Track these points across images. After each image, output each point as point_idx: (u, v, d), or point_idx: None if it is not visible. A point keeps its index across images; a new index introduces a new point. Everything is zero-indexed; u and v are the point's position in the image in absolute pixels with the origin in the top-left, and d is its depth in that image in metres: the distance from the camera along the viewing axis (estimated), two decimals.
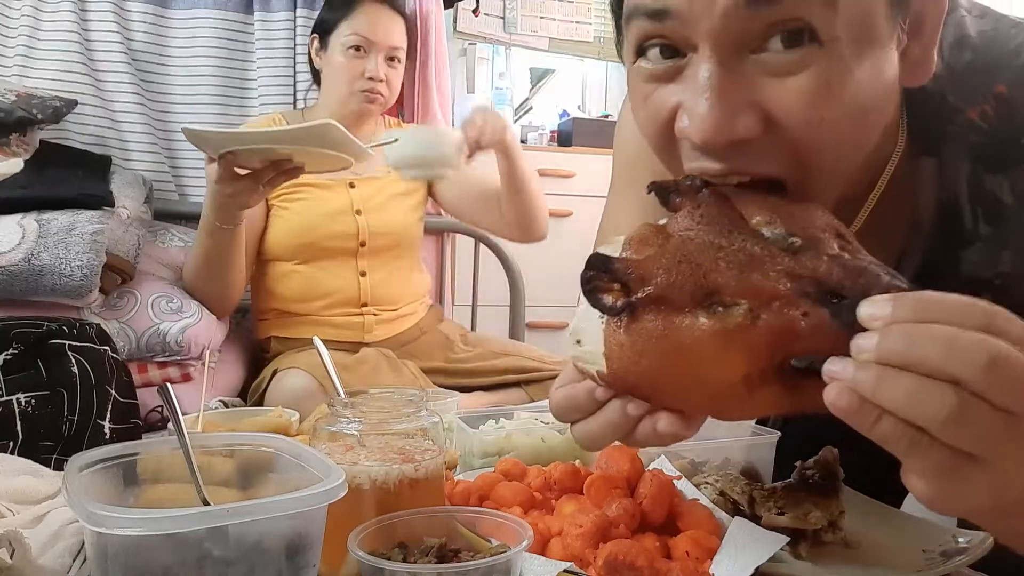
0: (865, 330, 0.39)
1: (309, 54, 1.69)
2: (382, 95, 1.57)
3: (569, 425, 0.54)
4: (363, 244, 1.56)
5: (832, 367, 0.39)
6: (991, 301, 0.56)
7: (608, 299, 0.45)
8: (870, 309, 0.39)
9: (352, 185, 1.60)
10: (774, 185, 0.51)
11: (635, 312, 0.44)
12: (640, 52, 0.53)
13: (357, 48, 1.56)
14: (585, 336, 0.48)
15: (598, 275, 0.46)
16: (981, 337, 0.36)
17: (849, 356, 0.39)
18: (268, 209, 1.57)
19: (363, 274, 1.57)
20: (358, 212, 1.57)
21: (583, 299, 0.47)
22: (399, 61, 1.61)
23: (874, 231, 0.61)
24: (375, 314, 1.58)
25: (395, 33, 1.59)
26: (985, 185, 0.59)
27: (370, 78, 1.55)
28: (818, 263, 0.42)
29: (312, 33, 1.67)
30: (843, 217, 0.53)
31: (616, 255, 0.47)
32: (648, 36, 0.51)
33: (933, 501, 0.39)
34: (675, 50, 0.51)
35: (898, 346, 0.37)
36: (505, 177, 1.55)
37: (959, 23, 0.60)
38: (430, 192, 1.72)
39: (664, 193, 0.49)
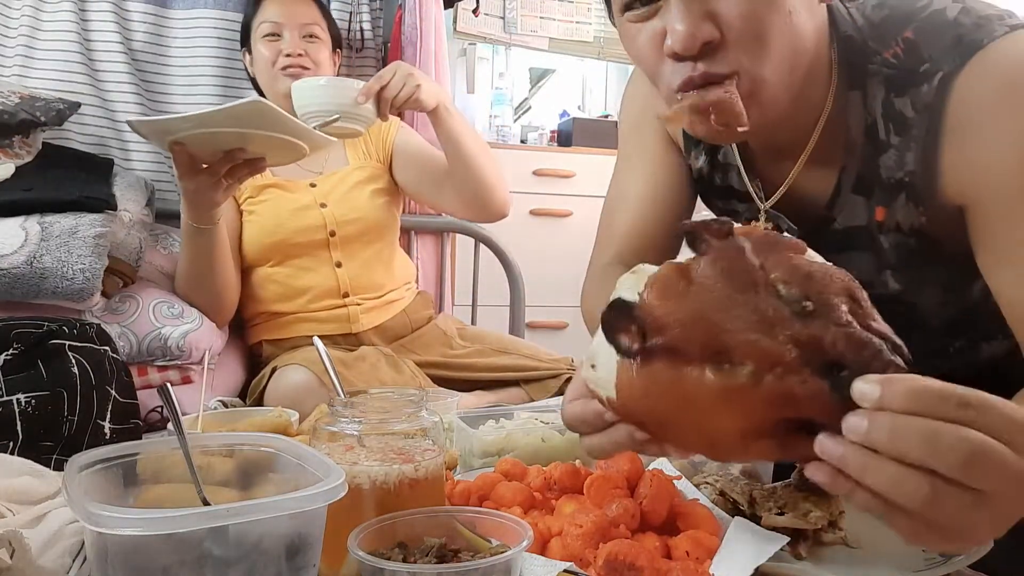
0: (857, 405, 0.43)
1: (246, 70, 1.72)
2: (304, 68, 1.58)
3: (579, 436, 0.61)
4: (332, 235, 1.56)
5: (824, 443, 0.44)
6: (906, 200, 0.75)
7: (625, 340, 0.49)
8: (862, 388, 0.43)
9: (313, 184, 1.61)
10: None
11: (648, 357, 0.48)
12: (626, 7, 0.72)
13: (271, 35, 1.60)
14: (599, 362, 0.52)
15: (615, 320, 0.50)
16: (961, 434, 0.41)
17: (839, 427, 0.44)
18: (241, 215, 1.57)
19: (339, 264, 1.57)
20: (322, 205, 1.57)
21: (599, 332, 0.51)
22: (318, 38, 1.63)
23: (820, 154, 0.78)
24: (359, 303, 1.58)
25: (303, 12, 1.62)
26: (895, 106, 0.73)
27: (287, 55, 1.57)
28: (825, 332, 0.45)
29: (241, 49, 1.71)
30: (797, 144, 0.78)
31: (638, 291, 0.50)
32: (632, 2, 0.71)
33: (912, 543, 0.46)
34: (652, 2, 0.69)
35: (883, 437, 0.41)
36: (442, 142, 1.54)
37: None
38: (393, 180, 1.71)
39: (693, 238, 0.52)
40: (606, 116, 3.43)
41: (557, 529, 0.68)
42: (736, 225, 0.52)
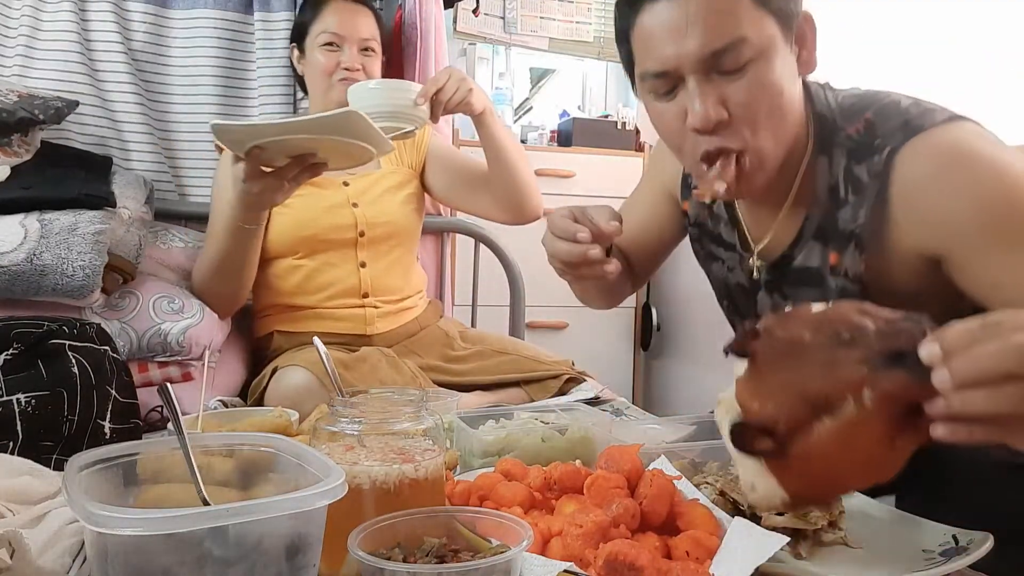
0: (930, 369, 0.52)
1: (291, 64, 1.73)
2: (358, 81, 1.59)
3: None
4: (362, 235, 1.58)
5: (931, 406, 0.53)
6: (855, 246, 0.90)
7: (762, 446, 0.58)
8: (928, 352, 0.52)
9: (346, 183, 1.63)
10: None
11: (785, 444, 0.57)
12: (652, 90, 0.89)
13: (330, 44, 1.62)
14: (757, 481, 0.60)
15: (742, 437, 0.59)
16: (1015, 342, 0.50)
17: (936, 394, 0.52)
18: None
19: (363, 265, 1.59)
20: (355, 205, 1.59)
21: (736, 457, 0.61)
22: (373, 51, 1.65)
23: (794, 206, 0.95)
24: (376, 307, 1.59)
25: (364, 26, 1.64)
26: (854, 172, 0.89)
27: (346, 68, 1.60)
28: (870, 343, 0.56)
29: (291, 43, 1.72)
30: (776, 195, 0.95)
31: (736, 411, 0.61)
32: (657, 86, 0.87)
33: None
34: (672, 85, 0.86)
35: (966, 367, 0.50)
36: (485, 146, 1.57)
37: (854, 89, 0.95)
38: (424, 186, 1.73)
39: (740, 351, 0.62)
40: (606, 116, 3.42)
41: (557, 529, 0.68)
42: (755, 326, 0.62)
